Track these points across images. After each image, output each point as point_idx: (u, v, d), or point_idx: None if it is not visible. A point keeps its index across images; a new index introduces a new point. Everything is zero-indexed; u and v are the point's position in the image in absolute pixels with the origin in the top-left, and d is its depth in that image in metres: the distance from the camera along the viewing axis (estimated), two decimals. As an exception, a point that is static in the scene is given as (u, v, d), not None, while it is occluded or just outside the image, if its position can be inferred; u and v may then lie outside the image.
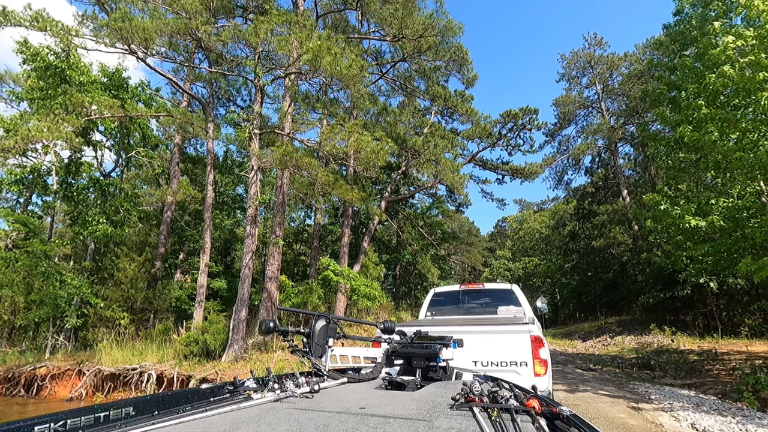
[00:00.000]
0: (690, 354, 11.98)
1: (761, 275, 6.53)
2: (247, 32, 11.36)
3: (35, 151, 16.28)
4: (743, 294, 15.81)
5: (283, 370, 10.18)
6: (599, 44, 29.17)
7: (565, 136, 31.17)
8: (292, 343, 2.43)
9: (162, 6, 11.50)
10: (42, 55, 13.46)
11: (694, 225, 8.00)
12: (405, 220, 25.24)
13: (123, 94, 15.55)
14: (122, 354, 11.90)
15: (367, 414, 1.50)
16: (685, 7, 12.46)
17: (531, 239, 45.12)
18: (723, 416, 5.80)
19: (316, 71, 11.34)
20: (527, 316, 5.27)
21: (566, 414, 1.36)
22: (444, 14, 16.18)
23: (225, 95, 21.77)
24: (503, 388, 1.79)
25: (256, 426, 1.37)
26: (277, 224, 14.03)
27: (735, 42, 7.14)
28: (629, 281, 23.85)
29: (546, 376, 3.71)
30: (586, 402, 6.94)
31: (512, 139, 23.57)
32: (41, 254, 13.17)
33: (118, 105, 12.65)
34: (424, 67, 19.53)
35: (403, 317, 20.02)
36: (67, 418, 1.35)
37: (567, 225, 34.47)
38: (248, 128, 12.80)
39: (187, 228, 20.99)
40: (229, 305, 14.30)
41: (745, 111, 7.66)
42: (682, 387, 8.51)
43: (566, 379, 9.44)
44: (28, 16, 10.32)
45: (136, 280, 15.58)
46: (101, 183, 15.70)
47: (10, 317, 14.87)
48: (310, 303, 14.63)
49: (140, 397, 1.63)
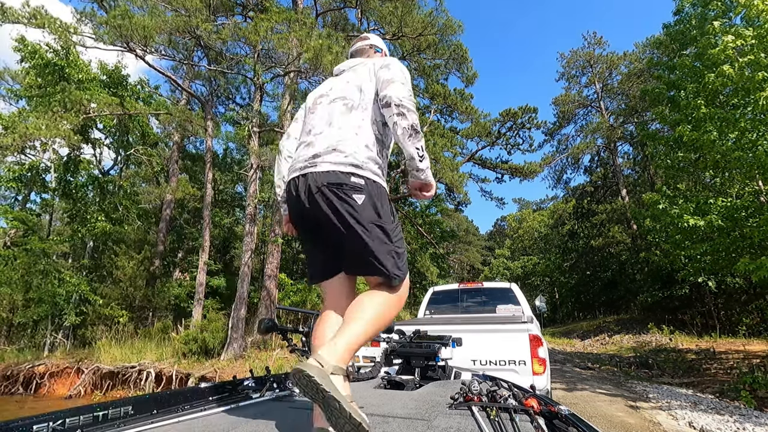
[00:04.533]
0: (688, 353, 12.01)
1: (759, 274, 6.54)
2: (247, 30, 11.32)
3: (34, 149, 16.23)
4: (741, 293, 15.86)
5: (282, 368, 10.19)
6: (599, 43, 29.14)
7: (564, 135, 31.19)
8: (291, 342, 2.44)
9: (161, 3, 11.45)
10: (41, 52, 13.40)
11: (692, 224, 8.01)
12: (404, 219, 25.24)
13: (122, 91, 15.50)
14: (121, 352, 11.89)
15: (366, 413, 1.50)
16: (685, 7, 12.44)
17: (530, 238, 45.18)
18: (720, 415, 5.82)
19: (317, 70, 11.32)
20: (526, 315, 5.27)
21: (565, 413, 1.36)
22: (443, 12, 16.17)
23: (224, 93, 21.74)
24: (502, 387, 1.79)
25: (255, 425, 1.37)
26: (277, 222, 14.02)
27: (734, 41, 7.14)
28: (628, 280, 23.89)
29: (544, 375, 3.71)
30: (584, 401, 6.96)
31: (511, 138, 23.55)
32: (40, 252, 13.15)
33: (117, 102, 12.62)
34: (423, 65, 19.50)
35: (401, 316, 20.05)
36: (65, 417, 1.35)
37: (566, 224, 34.49)
38: (248, 126, 12.78)
39: (186, 226, 20.98)
40: (228, 303, 14.29)
41: (744, 110, 7.66)
42: (680, 386, 8.53)
43: (564, 377, 9.46)
44: (26, 13, 10.27)
45: (134, 278, 15.57)
46: (100, 181, 15.67)
47: (9, 315, 14.85)
48: (309, 301, 14.64)
49: (139, 397, 1.63)
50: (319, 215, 1.44)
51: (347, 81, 1.69)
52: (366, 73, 1.66)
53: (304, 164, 1.50)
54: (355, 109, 1.57)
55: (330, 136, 1.52)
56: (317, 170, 1.45)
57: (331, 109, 1.61)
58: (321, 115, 1.63)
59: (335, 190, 1.41)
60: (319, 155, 1.48)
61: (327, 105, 1.64)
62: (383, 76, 1.57)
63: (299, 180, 1.49)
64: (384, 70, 1.59)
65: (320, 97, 1.72)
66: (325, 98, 1.68)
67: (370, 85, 1.62)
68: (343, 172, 1.43)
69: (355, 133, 1.52)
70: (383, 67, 1.61)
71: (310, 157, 1.50)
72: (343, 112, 1.57)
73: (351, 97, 1.61)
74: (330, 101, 1.65)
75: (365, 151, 1.49)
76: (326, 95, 1.69)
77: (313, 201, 1.44)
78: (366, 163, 1.47)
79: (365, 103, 1.59)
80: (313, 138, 1.57)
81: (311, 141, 1.56)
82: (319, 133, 1.57)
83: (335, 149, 1.47)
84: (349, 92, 1.63)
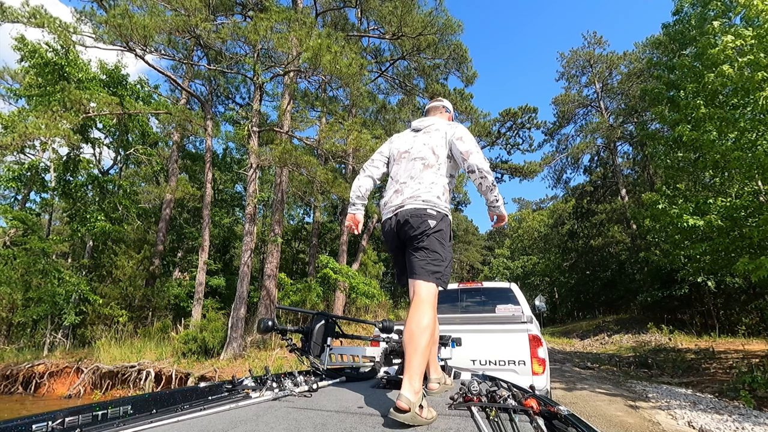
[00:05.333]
0: (687, 353, 12.02)
1: (758, 274, 6.54)
2: (247, 30, 11.31)
3: (33, 148, 16.23)
4: (741, 293, 15.86)
5: (281, 368, 10.19)
6: (599, 43, 29.13)
7: (564, 134, 31.17)
8: (291, 342, 2.44)
9: (161, 3, 11.44)
10: (40, 51, 13.38)
11: (692, 224, 8.02)
12: (404, 219, 25.20)
13: (121, 91, 15.48)
14: (120, 351, 11.89)
15: (365, 413, 1.50)
16: (685, 7, 12.45)
17: (530, 238, 45.16)
18: (720, 414, 5.82)
19: (316, 69, 11.31)
20: (525, 314, 5.26)
21: (564, 413, 1.36)
22: (443, 12, 16.15)
23: (224, 93, 21.72)
24: (501, 387, 1.79)
25: (255, 425, 1.37)
26: (276, 222, 14.02)
27: (734, 41, 7.14)
28: (627, 280, 23.90)
29: (544, 375, 3.71)
30: (584, 400, 6.96)
31: (511, 138, 23.59)
32: (39, 251, 13.13)
33: (116, 102, 12.60)
34: (423, 65, 19.48)
35: (401, 315, 20.05)
36: (65, 416, 1.35)
37: (566, 224, 34.50)
38: (247, 126, 12.77)
39: (186, 225, 20.97)
40: (228, 303, 14.29)
41: (744, 110, 7.66)
42: (680, 385, 8.54)
43: (564, 377, 9.47)
44: (25, 13, 10.25)
45: (134, 278, 15.55)
46: (99, 180, 15.64)
47: (8, 314, 14.84)
48: (309, 301, 14.64)
49: (138, 396, 1.63)
50: (406, 234, 2.09)
51: (424, 143, 2.28)
52: (439, 139, 2.26)
53: (396, 208, 2.15)
54: (430, 167, 2.19)
55: (412, 188, 2.15)
56: (405, 209, 2.10)
57: (413, 165, 2.23)
58: (405, 168, 2.26)
59: (417, 215, 2.06)
60: (405, 203, 2.12)
61: (410, 161, 2.26)
62: (461, 148, 2.16)
63: (392, 219, 2.16)
64: (459, 142, 2.19)
65: (405, 153, 2.33)
66: (408, 155, 2.30)
67: (443, 150, 2.24)
68: (421, 208, 2.07)
69: (430, 187, 2.12)
70: (458, 139, 2.20)
71: (399, 202, 2.14)
72: (421, 170, 2.19)
73: (428, 158, 2.22)
74: (411, 158, 2.27)
75: (437, 199, 2.11)
76: (408, 152, 2.31)
77: (401, 226, 2.11)
78: (437, 204, 2.10)
79: (438, 163, 2.20)
80: (400, 186, 2.21)
81: (399, 189, 2.20)
82: (404, 183, 2.20)
83: (417, 197, 2.10)
84: (426, 153, 2.23)
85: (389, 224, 2.19)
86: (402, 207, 2.11)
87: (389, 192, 2.28)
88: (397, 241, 2.19)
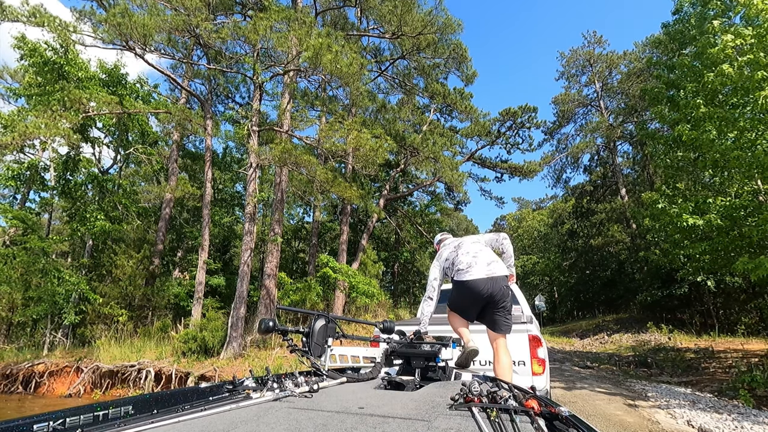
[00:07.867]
0: (687, 352, 12.04)
1: (758, 274, 6.55)
2: (246, 29, 11.30)
3: (33, 147, 16.21)
4: (740, 292, 15.88)
5: (281, 367, 10.21)
6: (599, 42, 29.13)
7: (563, 134, 31.16)
8: (292, 342, 2.44)
9: (160, 2, 11.42)
10: (40, 50, 13.37)
11: (691, 223, 8.02)
12: (403, 218, 25.25)
13: (121, 90, 15.46)
14: (120, 351, 11.90)
15: (366, 414, 1.51)
16: (684, 6, 12.44)
17: (529, 237, 45.20)
18: (719, 414, 5.84)
19: (316, 69, 11.30)
20: (525, 314, 5.27)
21: (565, 414, 1.36)
22: (443, 11, 16.13)
23: (224, 92, 21.71)
24: (502, 388, 1.79)
25: (255, 425, 1.37)
26: (276, 221, 14.02)
27: (734, 41, 7.14)
28: (627, 279, 23.93)
29: (544, 376, 3.72)
30: (583, 399, 6.97)
31: (511, 137, 23.55)
32: (39, 251, 13.13)
33: (116, 101, 12.58)
34: (423, 64, 19.47)
35: (401, 315, 20.06)
36: (66, 416, 1.35)
37: (565, 223, 34.51)
38: (247, 125, 12.77)
39: (186, 225, 20.96)
40: (228, 302, 14.29)
41: (744, 110, 7.67)
42: (679, 385, 8.56)
43: (563, 376, 9.48)
44: (25, 12, 10.25)
45: (134, 277, 15.54)
46: (99, 179, 15.63)
47: (8, 314, 14.84)
48: (308, 300, 14.64)
49: (139, 396, 1.63)
50: (494, 291, 2.99)
51: (474, 241, 3.36)
52: (488, 239, 3.40)
53: (487, 272, 3.03)
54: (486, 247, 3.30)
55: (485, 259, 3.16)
56: (495, 275, 3.01)
57: (476, 248, 3.23)
58: (469, 250, 3.22)
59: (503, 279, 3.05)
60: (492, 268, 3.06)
61: (471, 243, 3.29)
62: (505, 243, 3.38)
63: (480, 280, 3.01)
64: (504, 241, 3.39)
65: (468, 251, 3.23)
66: (468, 247, 3.27)
67: (490, 245, 3.38)
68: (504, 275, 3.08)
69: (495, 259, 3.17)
70: (503, 239, 3.40)
71: (486, 265, 3.08)
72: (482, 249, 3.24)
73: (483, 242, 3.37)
74: (472, 241, 3.32)
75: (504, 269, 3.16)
76: (469, 247, 3.26)
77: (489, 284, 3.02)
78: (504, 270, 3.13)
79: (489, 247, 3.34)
80: (472, 259, 3.14)
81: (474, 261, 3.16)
82: (474, 255, 3.15)
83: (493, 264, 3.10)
84: (483, 241, 3.39)
85: (476, 284, 3.04)
86: (492, 272, 3.09)
87: (468, 262, 3.24)
88: (483, 298, 3.04)
